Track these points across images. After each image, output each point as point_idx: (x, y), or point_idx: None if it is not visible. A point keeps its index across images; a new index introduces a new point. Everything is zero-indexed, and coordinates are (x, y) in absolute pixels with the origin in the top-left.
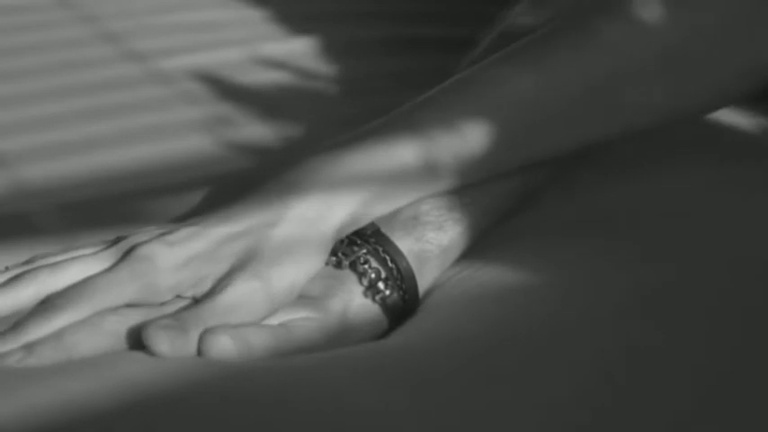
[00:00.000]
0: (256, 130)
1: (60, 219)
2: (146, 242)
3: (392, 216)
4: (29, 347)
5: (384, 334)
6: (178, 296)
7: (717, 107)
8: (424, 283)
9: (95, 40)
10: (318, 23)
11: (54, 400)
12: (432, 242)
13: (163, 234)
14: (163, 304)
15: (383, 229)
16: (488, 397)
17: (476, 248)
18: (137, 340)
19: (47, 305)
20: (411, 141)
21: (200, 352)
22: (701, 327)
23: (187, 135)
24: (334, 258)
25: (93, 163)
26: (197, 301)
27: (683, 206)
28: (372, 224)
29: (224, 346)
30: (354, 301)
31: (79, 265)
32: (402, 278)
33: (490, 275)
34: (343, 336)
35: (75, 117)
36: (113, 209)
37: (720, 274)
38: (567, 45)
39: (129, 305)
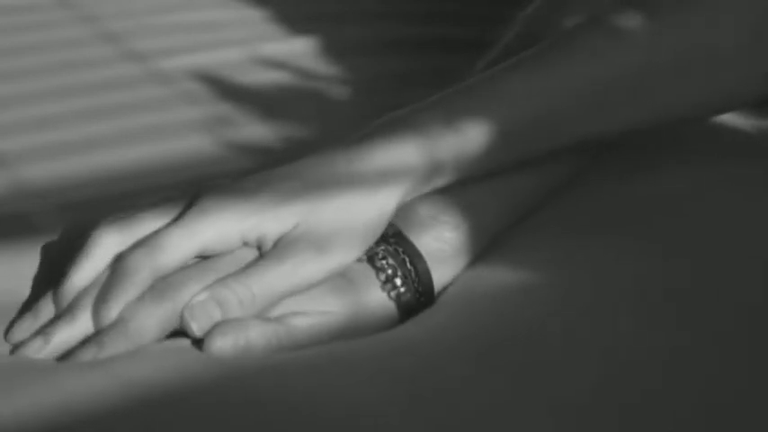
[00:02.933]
0: (256, 130)
1: (60, 219)
2: (208, 193)
3: (410, 214)
4: (98, 342)
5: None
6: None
7: (723, 111)
8: (438, 284)
9: (95, 40)
10: (319, 24)
11: (54, 400)
12: (449, 242)
13: (224, 186)
14: (228, 255)
15: (403, 230)
16: (492, 398)
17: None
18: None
19: (114, 275)
20: (414, 141)
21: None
22: (710, 327)
23: (187, 135)
24: None
25: (93, 163)
26: (257, 260)
27: (690, 206)
28: (392, 225)
29: (223, 344)
30: (369, 295)
31: (147, 222)
32: (420, 281)
33: (495, 275)
34: (353, 330)
35: (75, 117)
36: (113, 209)
37: (728, 273)
38: (567, 55)
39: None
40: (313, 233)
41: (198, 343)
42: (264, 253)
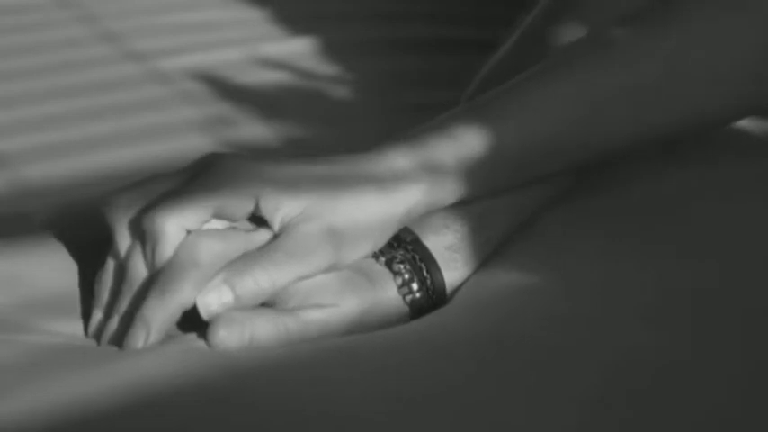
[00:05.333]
0: (256, 130)
1: (60, 218)
2: (226, 157)
3: (424, 223)
4: (145, 323)
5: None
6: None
7: (722, 125)
8: (449, 289)
9: (95, 40)
10: (319, 24)
11: (55, 400)
12: (459, 251)
13: (242, 155)
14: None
15: (420, 237)
16: (493, 398)
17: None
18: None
19: (148, 240)
20: (420, 161)
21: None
22: (714, 328)
23: (187, 135)
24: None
25: (93, 163)
26: (272, 243)
27: (693, 208)
28: (411, 232)
29: (226, 336)
30: (385, 295)
31: (159, 188)
32: (434, 289)
33: (501, 278)
34: (363, 327)
35: (75, 117)
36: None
37: (731, 275)
38: (568, 74)
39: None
40: (326, 222)
41: (205, 336)
42: (277, 236)
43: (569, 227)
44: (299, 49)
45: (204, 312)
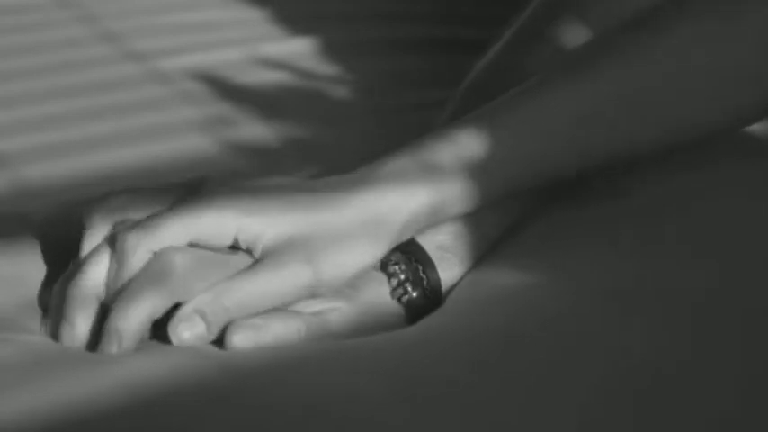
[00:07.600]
0: (256, 130)
1: (60, 218)
2: (213, 184)
3: None
4: (116, 333)
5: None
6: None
7: (734, 129)
8: (444, 289)
9: (95, 40)
10: (319, 24)
11: (55, 400)
12: (451, 250)
13: (230, 181)
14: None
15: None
16: (491, 399)
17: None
18: None
19: (117, 260)
20: (421, 174)
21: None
22: (719, 327)
23: (187, 135)
24: None
25: (93, 163)
26: (251, 267)
27: (694, 207)
28: None
29: (241, 341)
30: (374, 298)
31: (144, 206)
32: (431, 288)
33: (498, 278)
34: (360, 331)
35: (75, 117)
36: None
37: (735, 274)
38: (579, 79)
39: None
40: (308, 248)
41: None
42: (256, 261)
43: (568, 226)
44: (299, 49)
45: (176, 342)
